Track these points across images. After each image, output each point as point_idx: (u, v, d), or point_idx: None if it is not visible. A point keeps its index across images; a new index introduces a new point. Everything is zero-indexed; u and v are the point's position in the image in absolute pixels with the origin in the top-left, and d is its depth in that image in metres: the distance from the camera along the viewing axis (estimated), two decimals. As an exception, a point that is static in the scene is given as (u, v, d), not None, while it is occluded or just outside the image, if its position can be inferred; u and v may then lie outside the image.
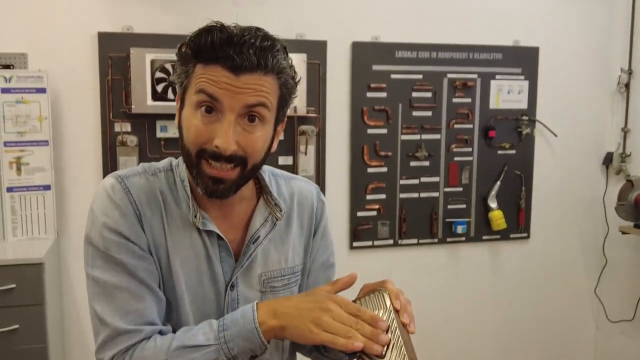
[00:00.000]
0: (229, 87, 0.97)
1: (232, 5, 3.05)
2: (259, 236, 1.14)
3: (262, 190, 1.18)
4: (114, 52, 2.90)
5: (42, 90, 2.74)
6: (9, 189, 2.74)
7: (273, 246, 1.17)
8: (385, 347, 0.95)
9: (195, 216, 1.08)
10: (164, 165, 1.14)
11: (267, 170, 1.21)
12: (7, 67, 2.80)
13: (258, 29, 1.01)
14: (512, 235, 3.58)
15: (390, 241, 3.38)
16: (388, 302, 1.01)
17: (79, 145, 2.95)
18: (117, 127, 2.92)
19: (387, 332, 0.96)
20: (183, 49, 1.02)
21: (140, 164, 1.15)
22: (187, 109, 1.03)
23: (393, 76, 3.27)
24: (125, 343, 1.00)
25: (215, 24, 0.99)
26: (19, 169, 2.75)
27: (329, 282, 1.29)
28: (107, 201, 1.04)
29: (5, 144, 2.72)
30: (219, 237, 1.11)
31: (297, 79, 1.08)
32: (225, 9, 3.04)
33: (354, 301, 1.05)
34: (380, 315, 0.99)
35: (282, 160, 3.14)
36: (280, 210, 1.16)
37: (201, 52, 0.98)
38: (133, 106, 2.86)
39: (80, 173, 2.97)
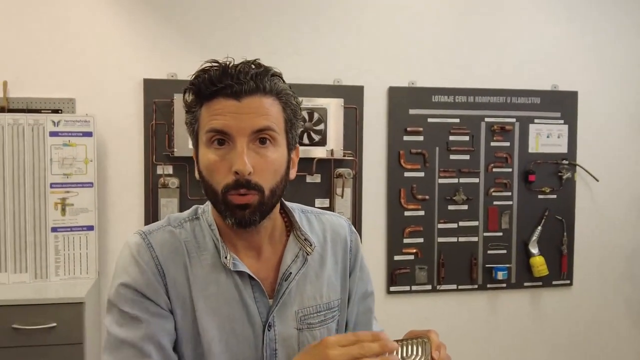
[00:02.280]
0: (234, 114, 1.00)
1: (270, 54, 3.14)
2: (291, 273, 1.13)
3: (292, 226, 1.18)
4: (159, 97, 3.00)
5: (88, 134, 2.85)
6: (54, 229, 2.82)
7: (308, 282, 1.17)
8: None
9: (226, 257, 1.08)
10: (188, 215, 1.16)
11: (296, 208, 1.22)
12: (55, 111, 2.93)
13: (252, 60, 1.05)
14: (554, 282, 3.48)
15: (429, 286, 3.32)
16: (428, 350, 1.00)
17: (122, 187, 3.03)
18: (160, 170, 3.00)
19: None
20: (187, 97, 1.06)
21: (167, 216, 1.16)
22: (201, 150, 1.05)
23: (430, 120, 3.28)
24: None
25: (210, 63, 1.05)
26: (63, 210, 2.83)
27: (370, 311, 1.29)
28: (129, 259, 1.07)
29: (52, 185, 2.81)
30: (251, 278, 1.10)
31: (299, 101, 1.11)
32: (263, 57, 3.08)
33: (395, 342, 1.02)
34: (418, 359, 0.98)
35: (319, 202, 3.16)
36: (310, 245, 1.16)
37: (202, 91, 1.03)
38: (175, 149, 2.94)
39: (122, 214, 3.04)
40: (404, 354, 0.99)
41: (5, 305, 2.52)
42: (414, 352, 1.00)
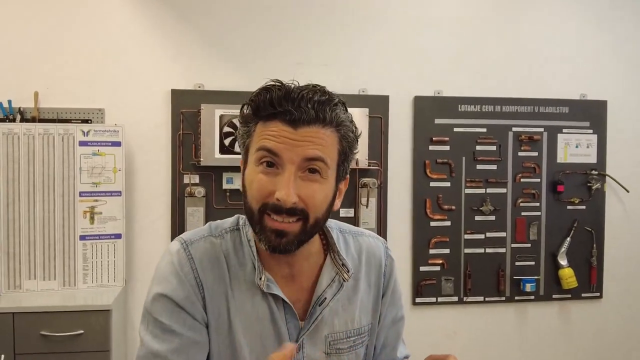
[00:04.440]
0: (288, 140, 0.97)
1: (296, 64, 3.15)
2: (325, 298, 1.11)
3: (329, 247, 1.15)
4: (186, 108, 3.03)
5: (117, 144, 2.88)
6: (82, 237, 2.86)
7: (341, 306, 1.14)
8: None
9: (260, 278, 1.06)
10: (230, 225, 1.14)
11: (334, 227, 1.18)
12: (85, 121, 2.98)
13: (316, 86, 1.01)
14: (583, 295, 3.42)
15: (455, 298, 3.28)
16: None
17: (149, 195, 3.06)
18: (186, 179, 3.03)
19: None
20: (244, 110, 1.04)
21: (208, 223, 1.15)
22: (249, 166, 1.03)
23: (456, 129, 3.26)
24: None
25: (273, 83, 1.00)
26: (92, 218, 2.86)
27: (398, 335, 1.26)
28: (169, 268, 1.06)
29: (81, 194, 2.85)
30: (284, 300, 1.09)
31: (357, 133, 1.07)
32: (290, 67, 3.14)
33: None
34: None
35: (344, 212, 3.15)
36: (348, 271, 1.13)
37: (260, 110, 1.00)
38: (202, 159, 2.96)
39: (149, 222, 3.07)
40: None
41: (34, 312, 2.55)
42: None
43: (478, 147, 3.28)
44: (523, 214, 3.33)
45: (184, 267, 1.05)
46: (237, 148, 2.97)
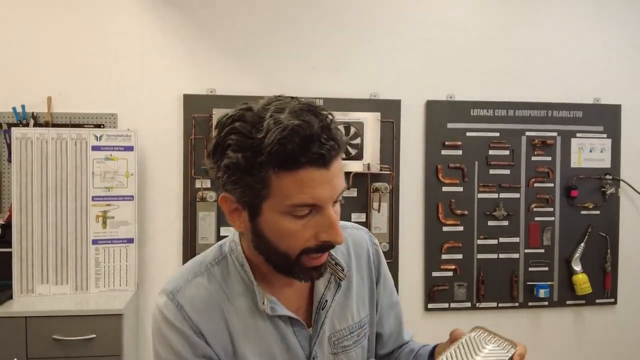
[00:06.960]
0: (324, 184, 0.90)
1: (309, 69, 3.15)
2: (327, 300, 1.09)
3: None
4: (198, 112, 3.04)
5: (129, 148, 2.89)
6: (94, 242, 2.86)
7: (338, 305, 1.12)
8: None
9: (263, 303, 1.02)
10: (214, 257, 1.07)
11: None
12: (98, 126, 2.99)
13: (310, 106, 0.91)
14: (597, 301, 3.38)
15: (468, 304, 3.25)
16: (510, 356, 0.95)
17: (161, 200, 3.07)
18: (198, 184, 3.03)
19: None
20: (243, 155, 0.90)
21: (189, 261, 1.09)
22: (270, 214, 0.93)
23: (469, 134, 3.24)
24: None
25: (282, 126, 0.87)
26: (104, 223, 2.87)
27: (401, 320, 1.28)
28: (163, 325, 1.01)
29: (93, 198, 2.86)
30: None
31: None
32: (302, 72, 3.14)
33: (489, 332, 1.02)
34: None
35: (355, 217, 3.14)
36: (342, 270, 1.10)
37: (284, 161, 0.88)
38: (213, 163, 2.96)
39: (161, 227, 3.07)
40: (489, 346, 0.99)
41: (47, 316, 2.56)
42: (502, 349, 0.97)
43: (491, 152, 3.26)
44: (536, 219, 3.30)
45: (176, 318, 1.00)
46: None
